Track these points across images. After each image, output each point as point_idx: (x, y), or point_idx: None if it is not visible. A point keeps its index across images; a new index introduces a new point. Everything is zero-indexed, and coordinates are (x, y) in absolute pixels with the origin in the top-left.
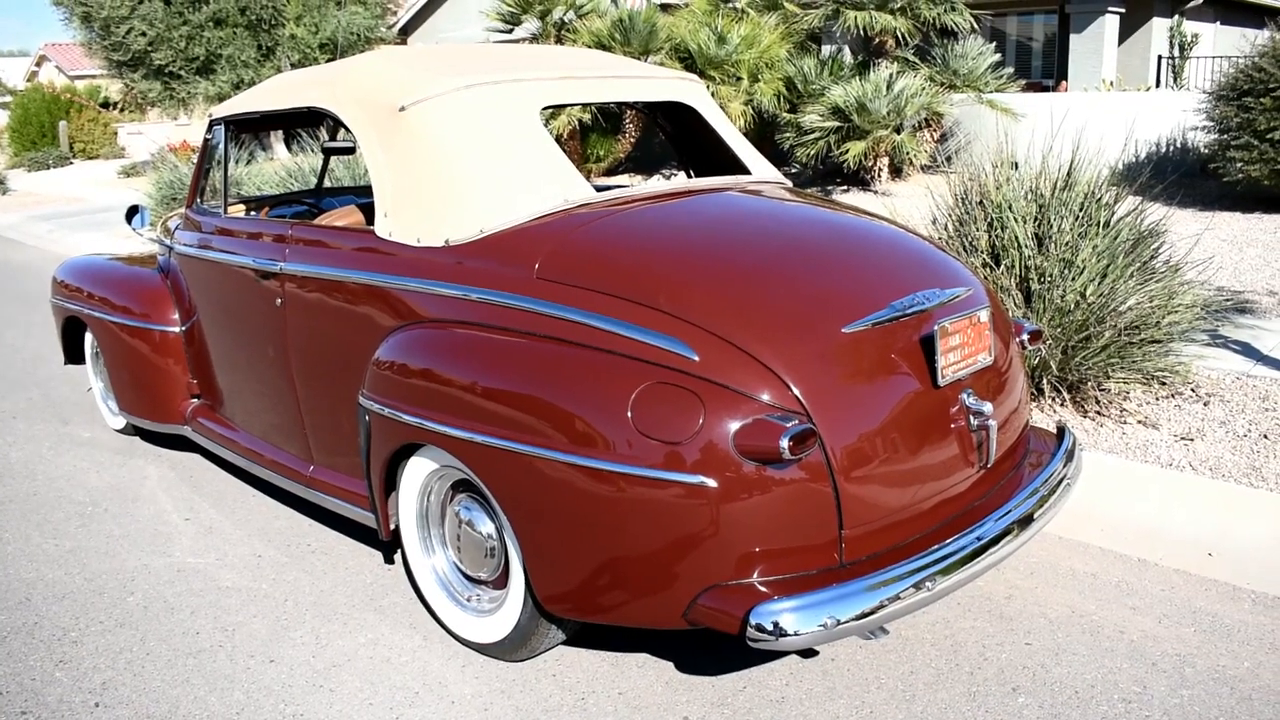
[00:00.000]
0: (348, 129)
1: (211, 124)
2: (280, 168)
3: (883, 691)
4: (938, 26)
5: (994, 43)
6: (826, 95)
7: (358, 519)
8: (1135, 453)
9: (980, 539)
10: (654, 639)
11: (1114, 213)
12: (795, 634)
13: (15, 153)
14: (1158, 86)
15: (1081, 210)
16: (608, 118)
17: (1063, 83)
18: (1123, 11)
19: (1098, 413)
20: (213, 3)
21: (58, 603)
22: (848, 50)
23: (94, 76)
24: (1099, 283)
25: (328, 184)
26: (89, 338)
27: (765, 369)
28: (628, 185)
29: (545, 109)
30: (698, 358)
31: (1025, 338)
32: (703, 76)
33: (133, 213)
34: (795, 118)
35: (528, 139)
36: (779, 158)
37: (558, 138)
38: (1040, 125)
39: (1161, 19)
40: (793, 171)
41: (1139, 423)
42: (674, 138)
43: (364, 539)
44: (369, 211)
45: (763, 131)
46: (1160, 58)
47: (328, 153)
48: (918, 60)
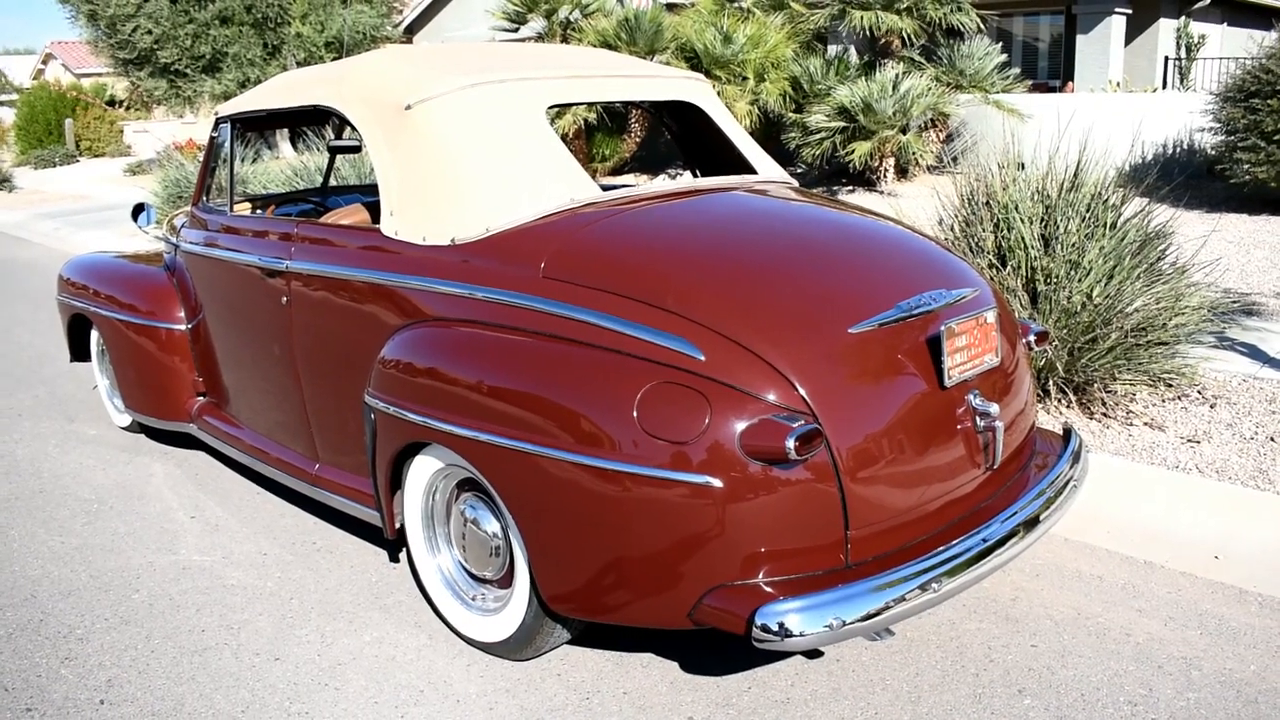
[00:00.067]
0: (354, 127)
1: (217, 122)
2: (286, 166)
3: (888, 693)
4: (944, 27)
5: (1000, 43)
6: (832, 95)
7: (363, 517)
8: (1141, 455)
9: (986, 540)
10: (659, 639)
11: (1121, 214)
12: (801, 635)
13: (21, 150)
14: (1164, 88)
15: (1088, 211)
16: (613, 117)
17: (1069, 83)
18: (1130, 12)
19: (1104, 414)
20: (219, 1)
21: (63, 600)
22: (854, 50)
23: (100, 74)
24: (1105, 284)
25: (333, 182)
26: (95, 335)
27: (771, 369)
28: (633, 185)
29: (551, 108)
30: (704, 357)
31: (1032, 339)
32: (708, 76)
33: (139, 211)
34: (801, 118)
35: (534, 138)
36: (785, 158)
37: (563, 137)
38: (1047, 126)
39: (1168, 20)
40: (798, 171)
41: (1145, 425)
42: (680, 137)
43: (369, 537)
44: (375, 210)
45: (768, 131)
46: (1167, 59)
47: (333, 151)
48: (924, 60)
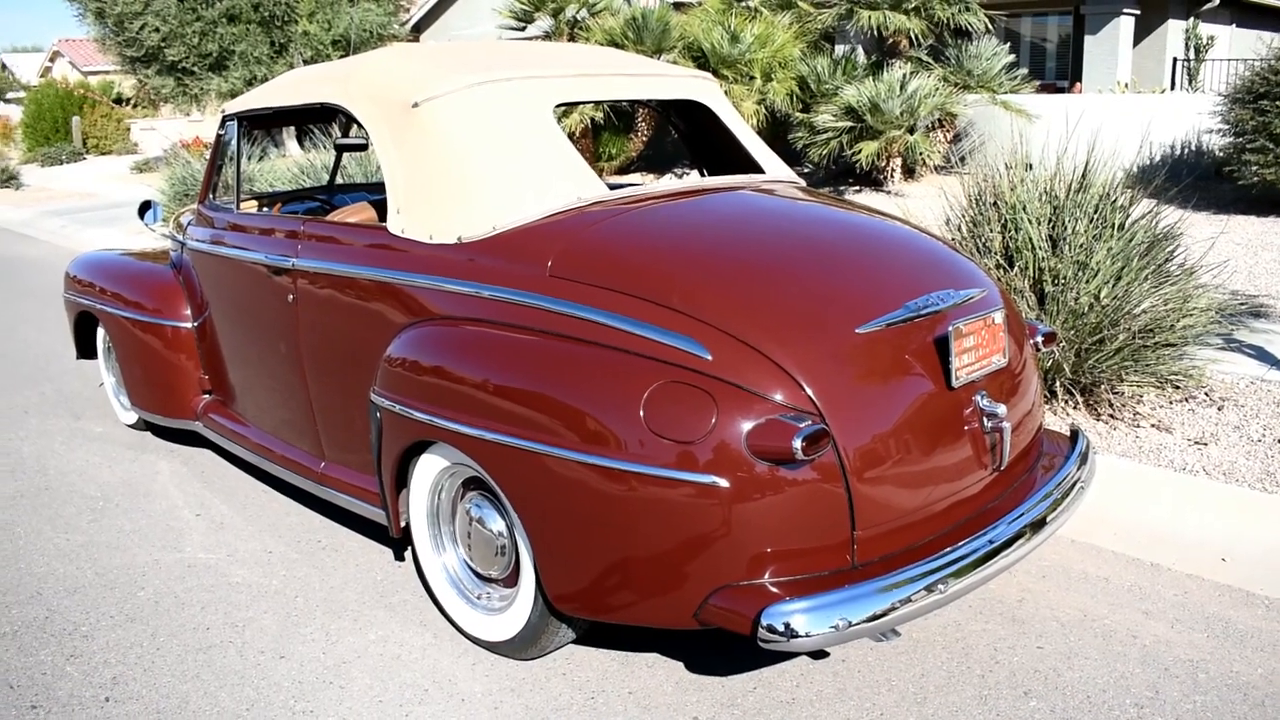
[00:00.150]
0: (360, 125)
1: (224, 120)
2: (293, 164)
3: (893, 694)
4: (952, 27)
5: (1008, 44)
6: (840, 95)
7: (368, 516)
8: (1148, 456)
9: (993, 542)
10: (664, 638)
11: (1129, 215)
12: (807, 635)
13: (29, 148)
14: (1173, 89)
15: (1096, 212)
16: (620, 116)
17: (1077, 84)
18: (1138, 13)
19: (1111, 416)
20: None
21: (69, 597)
22: (861, 50)
23: (107, 72)
24: (1113, 285)
25: (340, 180)
26: (101, 333)
27: (778, 369)
28: (640, 184)
29: (558, 106)
30: (711, 357)
31: (1039, 340)
32: (716, 75)
33: (145, 208)
34: (808, 117)
35: (541, 136)
36: (792, 157)
37: (570, 136)
38: (1055, 127)
39: (1177, 21)
40: (805, 171)
41: (1152, 426)
42: (687, 136)
43: (374, 536)
44: (381, 208)
45: (775, 131)
46: (1175, 60)
47: (340, 149)
48: (931, 60)
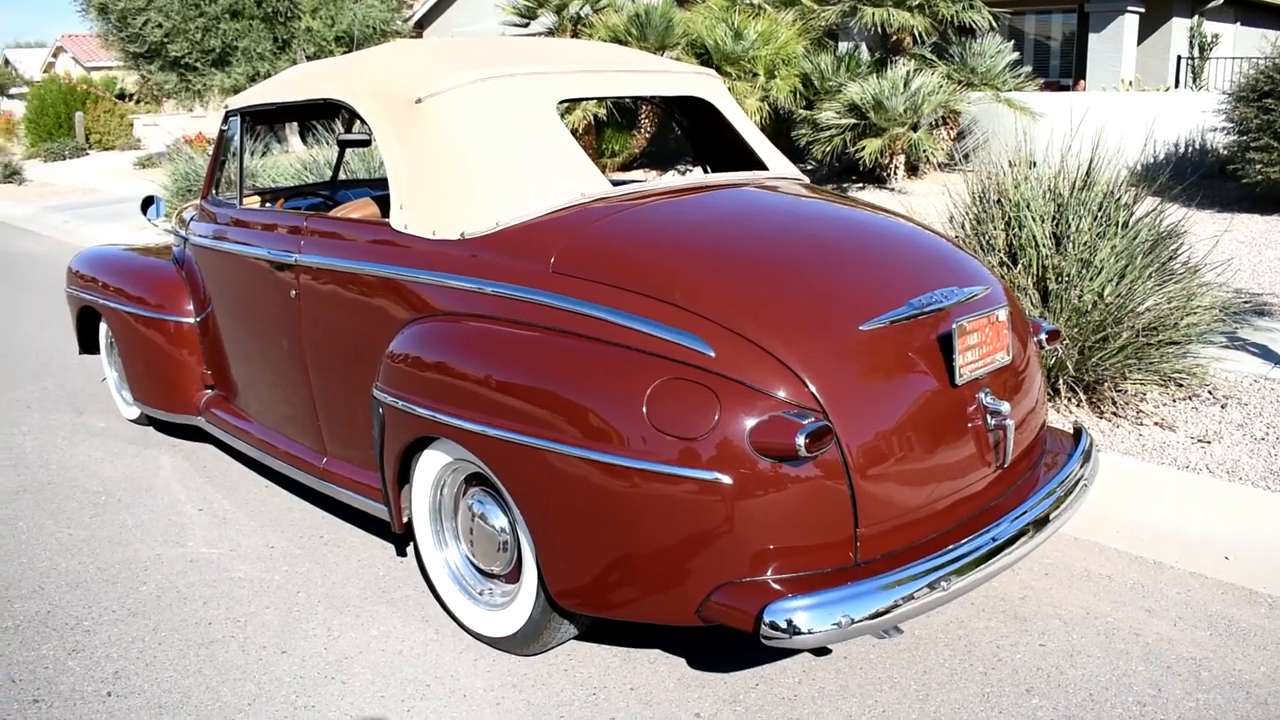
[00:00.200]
0: (363, 121)
1: (227, 115)
2: (295, 160)
3: (896, 691)
4: (956, 24)
5: (1012, 41)
6: (843, 92)
7: (371, 511)
8: (1151, 454)
9: (995, 539)
10: (666, 635)
11: (1133, 213)
12: (809, 632)
13: (32, 143)
14: (1177, 87)
15: (1100, 210)
16: (623, 113)
17: (1081, 82)
18: (1142, 11)
19: (1114, 414)
20: None
21: (71, 591)
22: (865, 47)
23: (110, 68)
24: (1117, 283)
25: (343, 176)
26: (104, 328)
27: (782, 365)
28: (644, 180)
29: (561, 103)
30: (714, 353)
31: (1043, 337)
32: (719, 72)
33: (148, 204)
34: (811, 114)
35: (544, 132)
36: (795, 154)
37: (573, 132)
38: (1059, 124)
39: (1181, 19)
40: (808, 168)
41: (1156, 424)
42: (691, 133)
43: (376, 531)
44: (384, 204)
45: (779, 128)
46: (1180, 58)
47: (343, 145)
48: (935, 58)
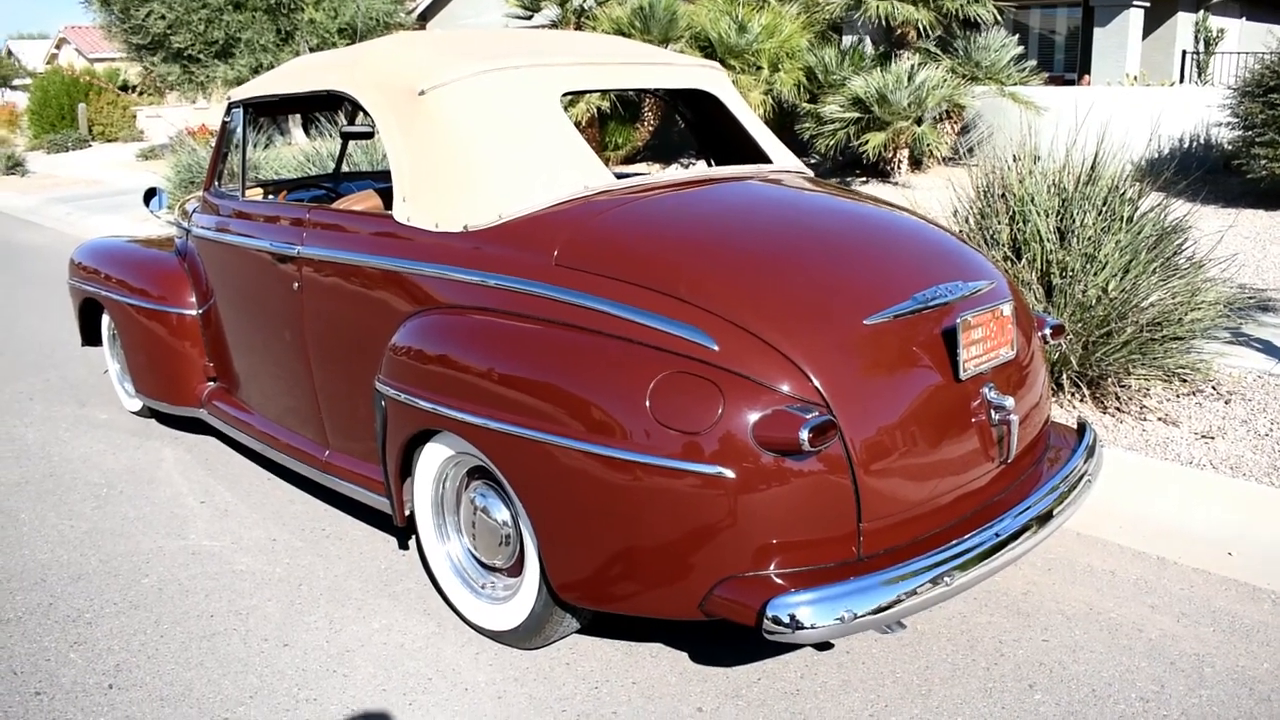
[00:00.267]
0: (366, 113)
1: (230, 107)
2: (298, 152)
3: (898, 686)
4: (960, 18)
5: (1017, 35)
6: (847, 86)
7: (373, 504)
8: (1155, 450)
9: (999, 535)
10: (668, 629)
11: (1137, 208)
12: (812, 627)
13: (34, 135)
14: (1182, 82)
15: (1105, 205)
16: (626, 105)
17: (1085, 77)
18: (1147, 5)
19: (1117, 409)
20: None
21: (73, 584)
22: (869, 41)
23: (113, 59)
24: (1121, 278)
25: (346, 168)
26: (106, 320)
27: (786, 360)
28: (647, 173)
29: (565, 95)
30: (717, 347)
31: (1047, 332)
32: (723, 65)
33: (150, 195)
34: (815, 108)
35: (547, 124)
36: (799, 148)
37: (576, 125)
38: (1063, 119)
39: (1186, 13)
40: (812, 162)
41: (1159, 420)
42: (695, 126)
43: (379, 524)
44: (387, 196)
45: (782, 121)
46: (1185, 53)
47: (346, 137)
48: (939, 52)
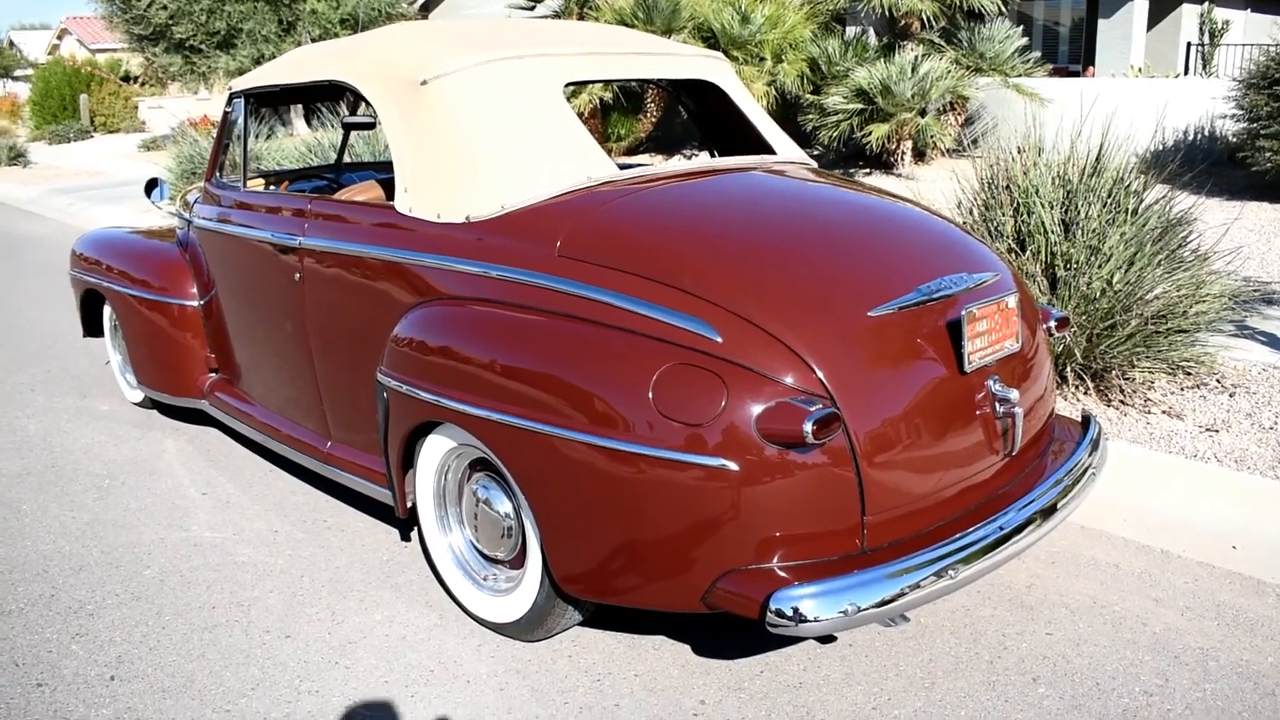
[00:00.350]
0: (368, 103)
1: (231, 97)
2: (300, 143)
3: (901, 679)
4: (964, 9)
5: (1021, 26)
6: (850, 77)
7: (374, 496)
8: (1159, 443)
9: (1003, 528)
10: (671, 622)
11: (1142, 200)
12: (815, 620)
13: (36, 126)
14: (1186, 74)
15: (1109, 197)
16: (629, 97)
17: (1090, 68)
18: None
19: (1121, 402)
20: None
21: (74, 575)
22: (872, 32)
23: (115, 50)
24: (1126, 270)
25: (348, 159)
26: (108, 311)
27: (789, 351)
28: (650, 164)
29: (568, 85)
30: (721, 339)
31: (1052, 325)
32: (726, 56)
33: (151, 186)
34: (818, 99)
35: (550, 115)
36: (802, 139)
37: (579, 116)
38: (1068, 111)
39: (1191, 5)
40: (815, 153)
41: (1163, 413)
42: (698, 116)
43: (381, 516)
44: (389, 187)
45: (786, 113)
46: (1190, 44)
47: (348, 128)
48: (943, 43)
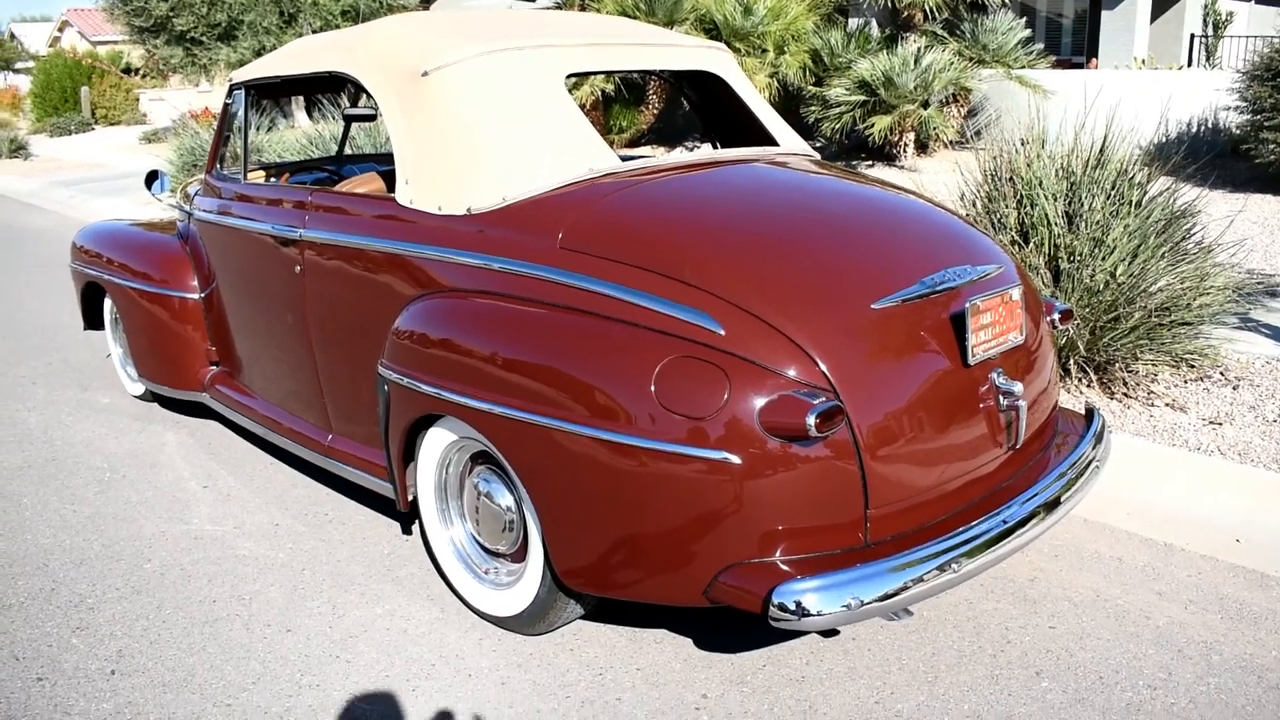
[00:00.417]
0: (369, 94)
1: (231, 89)
2: (301, 135)
3: (904, 673)
4: (967, 1)
5: (1024, 18)
6: (853, 69)
7: (376, 489)
8: (1162, 436)
9: (1006, 522)
10: (673, 615)
11: (1146, 192)
12: (818, 614)
13: (38, 118)
14: (1190, 65)
15: (1113, 189)
16: (630, 88)
17: (1093, 60)
18: None
19: (1125, 394)
20: None
21: (75, 569)
22: (875, 23)
23: (116, 42)
24: (1129, 263)
25: (349, 151)
26: (108, 303)
27: (792, 344)
28: (652, 156)
29: (569, 76)
30: (723, 331)
31: (1056, 317)
32: (728, 48)
33: (152, 178)
34: (821, 91)
35: (552, 106)
36: (804, 131)
37: (580, 108)
38: (1071, 102)
39: None
40: (818, 145)
41: (1167, 406)
42: (700, 108)
43: (382, 509)
44: (390, 179)
45: (788, 104)
46: (1193, 36)
47: (349, 119)
48: (946, 35)
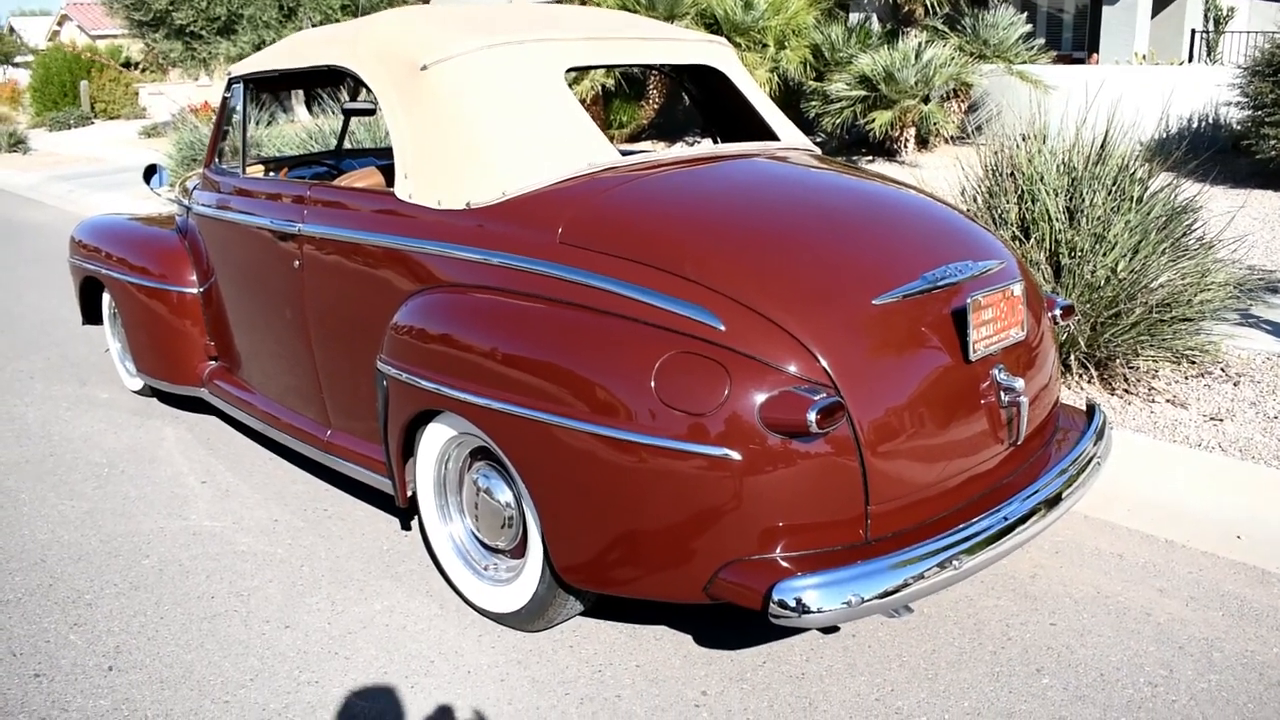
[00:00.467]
0: (368, 88)
1: (230, 83)
2: (300, 129)
3: (904, 670)
4: None
5: (1025, 13)
6: (854, 64)
7: (375, 485)
8: (1163, 432)
9: (1007, 519)
10: (673, 612)
11: (1147, 188)
12: (818, 611)
13: (37, 112)
14: (1191, 61)
15: (1114, 184)
16: (631, 83)
17: (1094, 55)
18: None
19: (1126, 391)
20: None
21: (73, 564)
22: (876, 18)
23: (115, 36)
24: (1130, 259)
25: (348, 145)
26: (107, 298)
27: (793, 340)
28: (652, 151)
29: (569, 71)
30: (724, 327)
31: (1057, 313)
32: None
33: (151, 172)
34: (821, 86)
35: (552, 100)
36: (804, 126)
37: (580, 102)
38: (1073, 98)
39: None
40: (818, 140)
41: (1167, 402)
42: (701, 102)
43: (381, 505)
44: (389, 173)
45: (788, 100)
46: (1194, 31)
47: (348, 113)
48: (947, 29)
